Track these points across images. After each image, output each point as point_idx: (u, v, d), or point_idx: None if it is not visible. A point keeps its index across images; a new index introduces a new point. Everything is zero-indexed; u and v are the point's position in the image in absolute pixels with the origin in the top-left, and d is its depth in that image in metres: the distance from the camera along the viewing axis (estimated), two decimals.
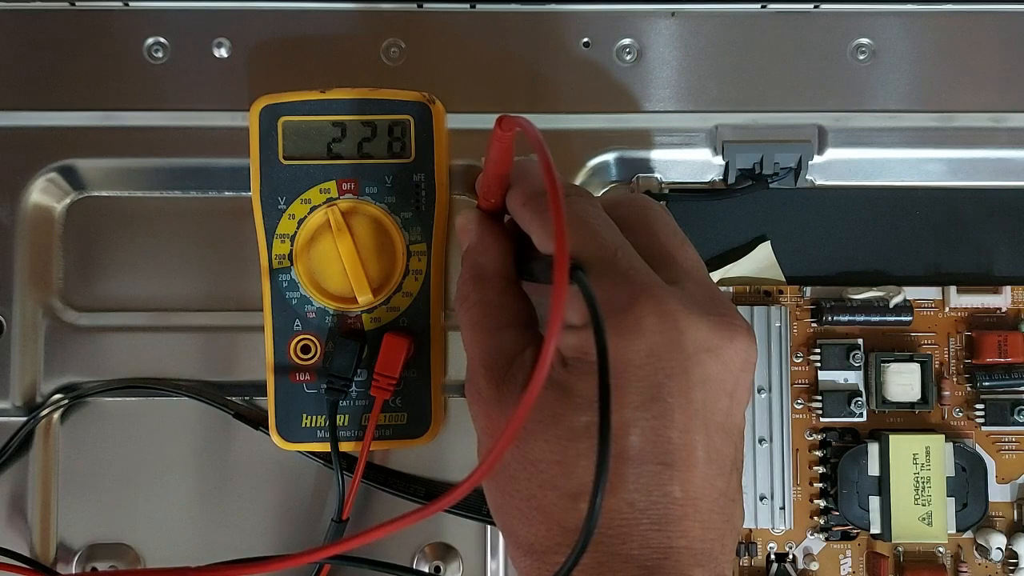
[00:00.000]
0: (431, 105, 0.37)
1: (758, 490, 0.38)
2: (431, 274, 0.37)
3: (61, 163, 0.39)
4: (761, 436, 0.38)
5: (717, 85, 0.40)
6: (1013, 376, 0.38)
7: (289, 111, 0.36)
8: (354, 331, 0.37)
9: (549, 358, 0.23)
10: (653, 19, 0.40)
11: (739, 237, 0.41)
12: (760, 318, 0.38)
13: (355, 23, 0.40)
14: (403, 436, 0.37)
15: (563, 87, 0.40)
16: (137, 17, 0.40)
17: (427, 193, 0.37)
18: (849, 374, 0.39)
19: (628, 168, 0.40)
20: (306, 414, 0.37)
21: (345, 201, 0.36)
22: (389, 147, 0.37)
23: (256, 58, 0.40)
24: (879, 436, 0.38)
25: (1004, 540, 0.38)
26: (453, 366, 0.39)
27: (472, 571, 0.39)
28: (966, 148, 0.40)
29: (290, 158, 0.36)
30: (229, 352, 0.39)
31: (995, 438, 0.39)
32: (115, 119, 0.39)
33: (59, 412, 0.39)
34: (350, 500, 0.37)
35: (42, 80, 0.40)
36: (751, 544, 0.38)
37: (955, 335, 0.39)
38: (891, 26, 0.40)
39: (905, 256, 0.41)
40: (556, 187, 0.25)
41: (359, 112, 0.36)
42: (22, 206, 0.39)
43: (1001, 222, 0.41)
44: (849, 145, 0.40)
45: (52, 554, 0.39)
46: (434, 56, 0.40)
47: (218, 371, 0.39)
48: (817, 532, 0.38)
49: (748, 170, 0.40)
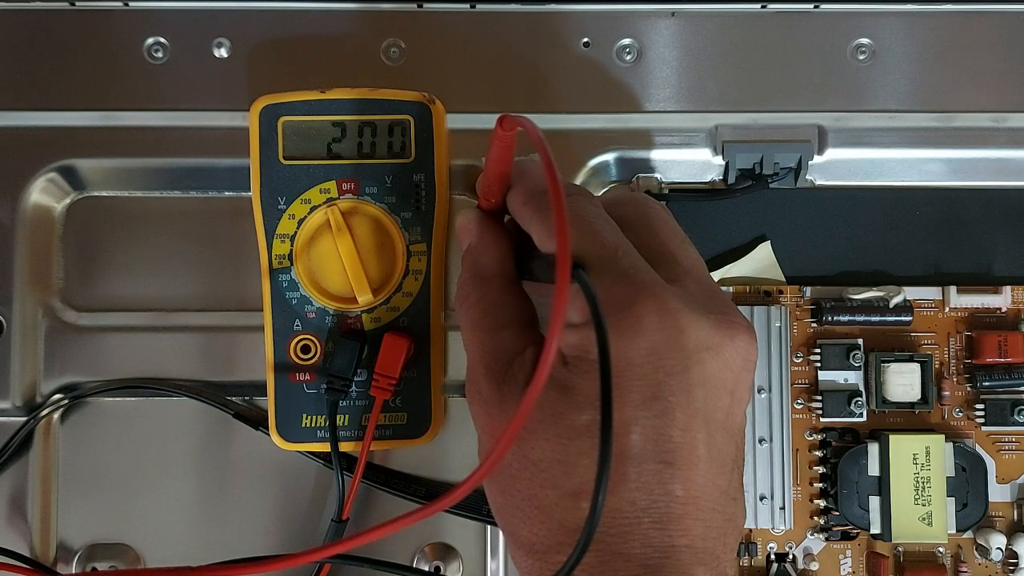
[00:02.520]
0: (431, 105, 0.37)
1: (758, 490, 0.38)
2: (431, 274, 0.37)
3: (61, 163, 0.39)
4: (761, 436, 0.38)
5: (717, 85, 0.40)
6: (1013, 376, 0.38)
7: (289, 111, 0.36)
8: (354, 331, 0.37)
9: (551, 358, 0.23)
10: (653, 19, 0.40)
11: (739, 237, 0.41)
12: (760, 318, 0.38)
13: (355, 23, 0.40)
14: (403, 436, 0.37)
15: (563, 87, 0.40)
16: (137, 17, 0.40)
17: (427, 193, 0.37)
18: (849, 374, 0.39)
19: (628, 168, 0.40)
20: (306, 414, 0.37)
21: (345, 201, 0.36)
22: (389, 147, 0.37)
23: (256, 58, 0.40)
24: (879, 436, 0.38)
25: (1004, 540, 0.38)
26: (453, 366, 0.39)
27: (472, 571, 0.39)
28: (966, 148, 0.40)
29: (290, 158, 0.36)
30: (229, 352, 0.39)
31: (995, 438, 0.39)
32: (115, 119, 0.39)
33: (59, 412, 0.39)
34: (350, 500, 0.37)
35: (42, 80, 0.39)
36: (751, 544, 0.38)
37: (955, 335, 0.39)
38: (891, 26, 0.40)
39: (905, 256, 0.41)
40: (558, 186, 0.25)
41: (359, 112, 0.36)
42: (22, 206, 0.39)
43: (1001, 222, 0.41)
44: (849, 145, 0.40)
45: (52, 554, 0.39)
46: (434, 56, 0.40)
47: (218, 371, 0.39)
48: (817, 532, 0.38)
49: (748, 170, 0.40)
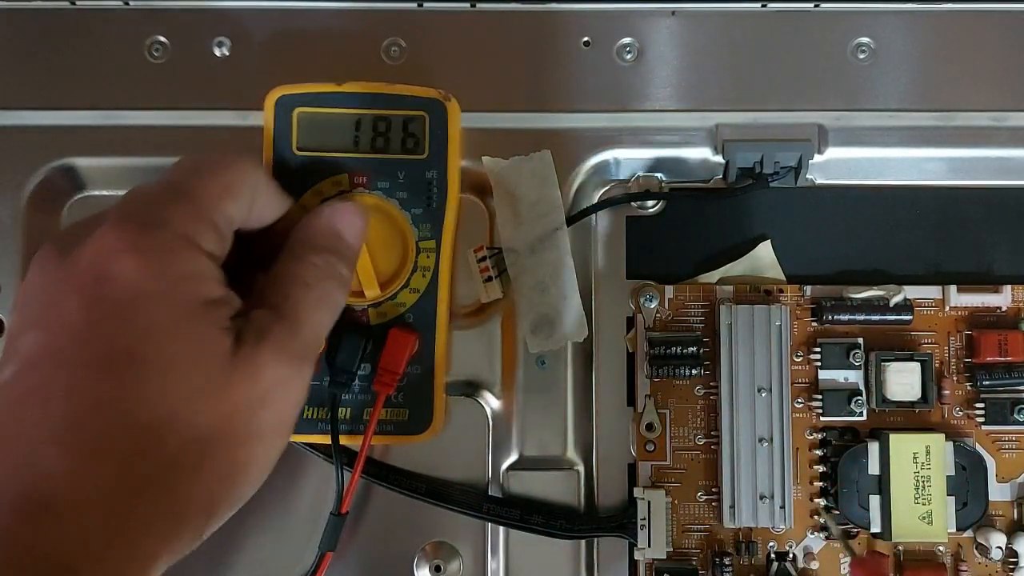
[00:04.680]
0: (447, 103, 0.37)
1: (758, 489, 0.38)
2: (439, 271, 0.37)
3: (61, 162, 0.39)
4: (761, 436, 0.38)
5: (717, 84, 0.40)
6: (1013, 375, 0.38)
7: (305, 102, 0.37)
8: (360, 325, 0.37)
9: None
10: (653, 18, 0.40)
11: (739, 237, 0.41)
12: (760, 317, 0.38)
13: (355, 22, 0.40)
14: (404, 432, 0.37)
15: (563, 86, 0.40)
16: (137, 16, 0.40)
17: (439, 190, 0.37)
18: (849, 373, 0.39)
19: (628, 167, 0.40)
20: (308, 405, 0.37)
21: (357, 195, 0.36)
22: (403, 143, 0.37)
23: (256, 57, 0.40)
24: (879, 435, 0.38)
25: (1004, 539, 0.38)
26: (456, 364, 0.39)
27: (472, 570, 0.39)
28: (966, 147, 0.40)
29: (304, 149, 0.37)
30: None
31: (995, 437, 0.39)
32: (115, 118, 0.39)
33: None
34: (349, 494, 0.37)
35: (42, 79, 0.40)
36: (751, 543, 0.38)
37: (955, 334, 0.39)
38: (891, 25, 0.40)
39: (905, 255, 0.41)
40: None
41: (374, 106, 0.37)
42: (22, 205, 0.39)
43: (1001, 221, 0.41)
44: (849, 144, 0.40)
45: None
46: (434, 55, 0.40)
47: None
48: (817, 531, 0.39)
49: (748, 169, 0.40)
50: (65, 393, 0.27)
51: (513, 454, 0.39)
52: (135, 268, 0.28)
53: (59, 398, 0.27)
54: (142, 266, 0.28)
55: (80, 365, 0.27)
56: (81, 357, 0.27)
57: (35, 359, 0.28)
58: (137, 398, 0.27)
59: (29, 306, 0.29)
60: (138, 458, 0.27)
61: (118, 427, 0.27)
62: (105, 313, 0.28)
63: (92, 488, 0.26)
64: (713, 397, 0.39)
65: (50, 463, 0.26)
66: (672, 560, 0.38)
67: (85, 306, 0.28)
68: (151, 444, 0.27)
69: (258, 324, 0.30)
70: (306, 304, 0.31)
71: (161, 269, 0.28)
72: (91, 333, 0.27)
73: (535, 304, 0.39)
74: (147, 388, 0.27)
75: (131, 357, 0.27)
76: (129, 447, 0.27)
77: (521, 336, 0.39)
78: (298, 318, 0.31)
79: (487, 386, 0.39)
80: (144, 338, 0.28)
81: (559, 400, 0.39)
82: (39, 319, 0.28)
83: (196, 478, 0.28)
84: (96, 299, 0.28)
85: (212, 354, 0.29)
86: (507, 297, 0.39)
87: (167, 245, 0.29)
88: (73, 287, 0.28)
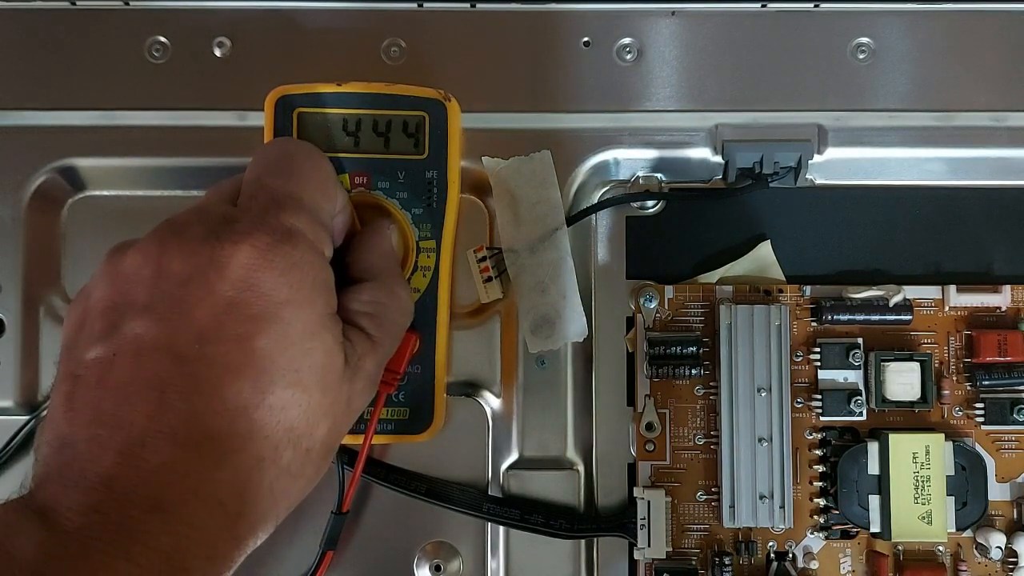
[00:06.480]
0: (447, 103, 0.37)
1: (758, 489, 0.38)
2: (439, 271, 0.37)
3: (61, 163, 0.39)
4: (761, 435, 0.38)
5: (717, 84, 0.40)
6: (1013, 375, 0.38)
7: (305, 103, 0.37)
8: None
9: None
10: (653, 18, 0.40)
11: (739, 237, 0.41)
12: (760, 317, 0.38)
13: (355, 22, 0.40)
14: (404, 431, 0.37)
15: (563, 86, 0.40)
16: (137, 16, 0.40)
17: (439, 190, 0.37)
18: (849, 373, 0.39)
19: (628, 167, 0.40)
20: None
21: (357, 195, 0.36)
22: (403, 143, 0.37)
23: (256, 57, 0.40)
24: (879, 435, 0.38)
25: (1004, 539, 0.38)
26: (457, 364, 0.39)
27: (472, 570, 0.39)
28: (966, 147, 0.40)
29: None
30: None
31: (995, 437, 0.39)
32: (115, 118, 0.39)
33: None
34: (350, 493, 0.37)
35: (42, 79, 0.40)
36: (751, 543, 0.38)
37: (955, 334, 0.39)
38: (891, 25, 0.40)
39: (905, 255, 0.41)
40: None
41: (375, 107, 0.37)
42: (23, 205, 0.39)
43: (1001, 222, 0.41)
44: (849, 144, 0.40)
45: None
46: (434, 55, 0.40)
47: None
48: (817, 531, 0.39)
49: (748, 169, 0.40)
50: (184, 391, 0.26)
51: (513, 454, 0.39)
52: (275, 277, 0.28)
53: (177, 394, 0.26)
54: (283, 276, 0.28)
55: (204, 365, 0.27)
56: (206, 357, 0.27)
57: (146, 349, 0.27)
58: (261, 406, 0.27)
59: (142, 286, 0.28)
60: (255, 467, 0.27)
61: (238, 436, 0.27)
62: (240, 319, 0.27)
63: (208, 494, 0.26)
64: (713, 397, 0.39)
65: (161, 459, 0.25)
66: (672, 560, 0.38)
67: (221, 310, 0.27)
68: (268, 454, 0.27)
69: (359, 349, 0.31)
70: (392, 338, 0.33)
71: (300, 278, 0.28)
72: (220, 336, 0.27)
73: (535, 304, 0.39)
74: (273, 398, 0.27)
75: (261, 366, 0.27)
76: (249, 457, 0.27)
77: (521, 336, 0.39)
78: (384, 350, 0.33)
79: (487, 386, 0.39)
80: (279, 348, 0.28)
81: (559, 400, 0.39)
82: (153, 308, 0.27)
83: (295, 486, 0.29)
84: (233, 304, 0.27)
85: (332, 369, 0.29)
86: (507, 297, 0.39)
87: (303, 258, 0.29)
88: (208, 288, 0.27)
